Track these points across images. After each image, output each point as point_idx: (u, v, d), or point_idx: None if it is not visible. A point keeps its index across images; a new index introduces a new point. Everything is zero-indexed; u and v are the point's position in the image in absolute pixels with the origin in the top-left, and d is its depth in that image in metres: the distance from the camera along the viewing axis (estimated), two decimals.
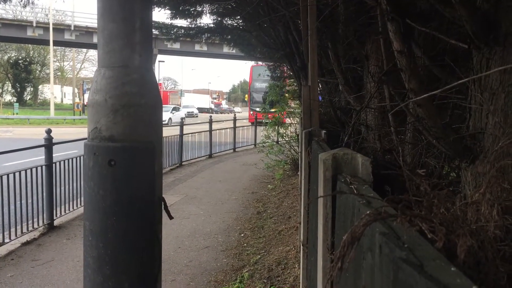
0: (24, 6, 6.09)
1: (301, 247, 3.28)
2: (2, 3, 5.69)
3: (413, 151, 2.83)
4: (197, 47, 38.17)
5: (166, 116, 35.70)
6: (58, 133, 6.89)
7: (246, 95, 36.84)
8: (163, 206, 1.75)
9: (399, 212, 0.74)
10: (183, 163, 13.09)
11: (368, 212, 0.74)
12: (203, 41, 16.51)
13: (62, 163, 6.89)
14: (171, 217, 1.86)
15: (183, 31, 12.59)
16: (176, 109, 41.61)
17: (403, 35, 2.46)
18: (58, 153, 7.02)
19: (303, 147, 3.20)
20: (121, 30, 1.60)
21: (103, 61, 1.62)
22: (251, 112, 31.05)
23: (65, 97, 62.67)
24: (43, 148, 6.55)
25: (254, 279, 4.70)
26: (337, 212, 1.32)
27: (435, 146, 2.23)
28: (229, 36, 13.98)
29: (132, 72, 1.61)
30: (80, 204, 7.31)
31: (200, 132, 14.92)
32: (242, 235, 6.38)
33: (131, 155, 1.60)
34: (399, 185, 2.18)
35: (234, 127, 17.22)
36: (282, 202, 8.12)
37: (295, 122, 12.89)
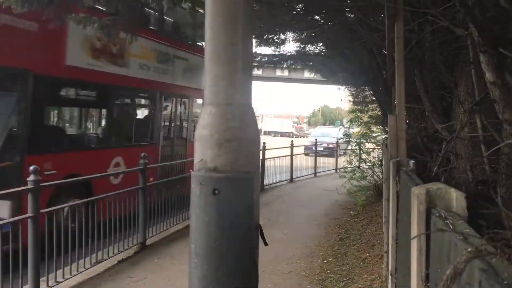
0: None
1: (389, 276, 3.26)
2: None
3: (507, 181, 2.75)
4: (278, 72, 38.82)
5: None
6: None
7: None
8: (259, 232, 1.88)
9: (498, 250, 0.79)
10: (264, 187, 13.30)
11: (469, 249, 0.80)
12: (285, 67, 16.90)
13: (154, 185, 7.34)
14: (266, 244, 1.98)
15: (266, 58, 13.00)
16: None
17: (495, 65, 2.44)
18: None
19: (391, 176, 3.21)
20: (225, 71, 1.77)
21: (209, 99, 1.80)
22: None
23: None
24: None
25: None
26: (431, 245, 1.37)
27: None
28: (311, 63, 14.20)
29: (234, 109, 1.77)
30: (169, 225, 7.71)
31: (282, 156, 15.12)
32: (325, 261, 6.37)
33: (233, 184, 1.75)
34: (494, 218, 2.14)
35: (315, 151, 17.25)
36: (365, 229, 8.00)
37: (378, 147, 12.68)
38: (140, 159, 6.82)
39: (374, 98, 12.36)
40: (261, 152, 13.57)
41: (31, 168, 4.80)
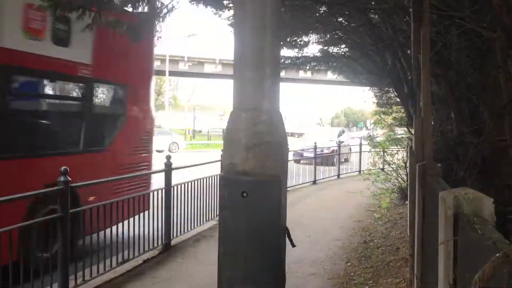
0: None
1: (415, 280, 3.25)
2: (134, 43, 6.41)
3: None
4: (301, 74, 38.72)
5: None
6: (172, 158, 7.50)
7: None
8: (286, 234, 1.92)
9: None
10: (288, 189, 13.28)
11: (497, 255, 0.82)
12: (308, 68, 16.83)
13: (178, 187, 7.42)
14: (293, 245, 2.01)
15: (289, 60, 12.99)
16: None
17: None
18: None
19: (417, 180, 3.20)
20: (253, 77, 1.82)
21: (238, 104, 1.85)
22: None
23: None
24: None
25: None
26: (459, 249, 1.38)
27: None
28: (335, 64, 14.15)
29: (262, 114, 1.82)
30: (193, 227, 7.79)
31: (305, 158, 15.09)
32: (349, 264, 6.35)
33: (261, 188, 1.79)
34: None
35: (339, 153, 17.15)
36: (389, 232, 7.94)
37: (402, 149, 12.56)
38: None
39: (399, 100, 12.24)
40: None
41: (62, 168, 4.91)
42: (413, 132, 4.45)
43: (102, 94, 7.71)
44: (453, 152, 4.53)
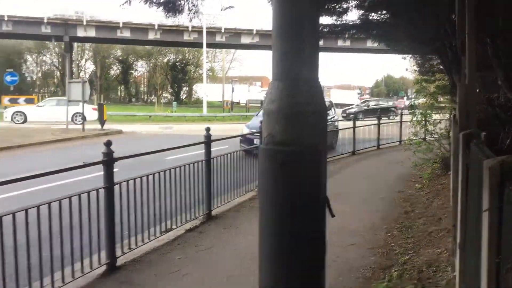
0: (190, 20, 6.79)
1: (458, 250, 3.22)
2: (172, 17, 6.43)
3: None
4: (340, 43, 37.98)
5: None
6: (211, 129, 7.57)
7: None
8: (326, 204, 1.93)
9: None
10: (327, 160, 13.23)
11: None
12: (347, 37, 16.43)
13: (217, 158, 7.53)
14: (332, 215, 2.02)
15: (328, 28, 12.70)
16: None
17: None
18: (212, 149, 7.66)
19: (460, 149, 3.13)
20: (292, 47, 1.80)
21: (277, 75, 1.85)
22: None
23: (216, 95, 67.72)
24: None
25: (403, 279, 4.67)
26: (504, 219, 1.36)
27: None
28: (375, 31, 13.74)
29: (301, 84, 1.81)
30: (233, 197, 7.93)
31: (343, 129, 14.94)
32: (389, 234, 6.32)
33: (300, 158, 1.80)
34: None
35: (378, 124, 16.86)
36: (431, 202, 7.83)
37: (445, 118, 12.22)
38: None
39: (442, 67, 11.85)
40: None
41: (104, 141, 5.09)
42: (457, 101, 4.32)
43: None
44: (499, 119, 4.39)
